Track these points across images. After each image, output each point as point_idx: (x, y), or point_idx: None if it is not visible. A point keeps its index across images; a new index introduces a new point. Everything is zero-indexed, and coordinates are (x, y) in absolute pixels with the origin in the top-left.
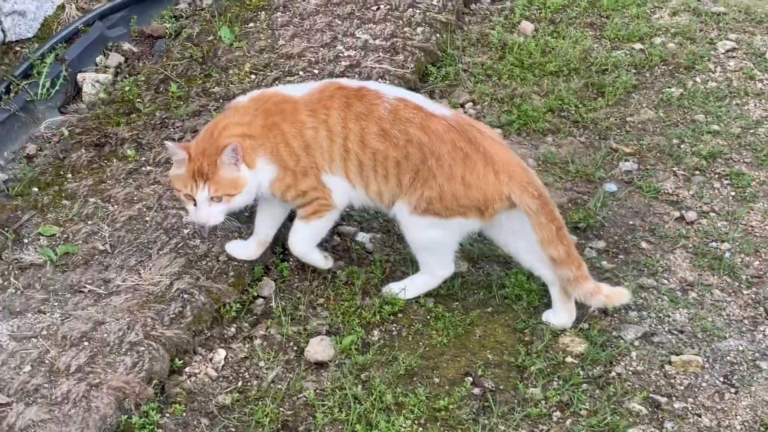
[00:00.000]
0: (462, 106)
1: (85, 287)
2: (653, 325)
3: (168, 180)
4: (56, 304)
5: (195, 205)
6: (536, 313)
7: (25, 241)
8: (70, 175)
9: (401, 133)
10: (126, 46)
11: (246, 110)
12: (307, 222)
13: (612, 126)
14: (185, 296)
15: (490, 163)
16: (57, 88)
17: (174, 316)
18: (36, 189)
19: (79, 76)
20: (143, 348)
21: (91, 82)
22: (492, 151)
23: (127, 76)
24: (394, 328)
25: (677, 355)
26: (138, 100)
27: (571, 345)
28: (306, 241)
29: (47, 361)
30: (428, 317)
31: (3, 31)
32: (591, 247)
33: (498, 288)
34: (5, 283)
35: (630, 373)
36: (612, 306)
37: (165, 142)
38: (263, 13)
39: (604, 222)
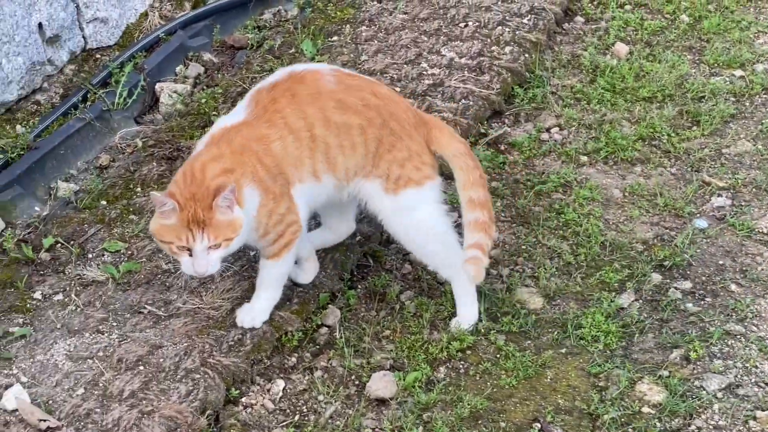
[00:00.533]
0: (548, 130)
1: (144, 308)
2: (739, 376)
3: (152, 232)
4: (115, 324)
5: (190, 255)
6: (613, 356)
7: (89, 256)
8: (139, 189)
9: (358, 99)
10: (206, 56)
11: (210, 145)
12: (277, 260)
13: (706, 158)
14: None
15: (424, 117)
16: (134, 97)
17: (233, 343)
18: (104, 202)
19: (158, 86)
20: (199, 376)
21: (168, 92)
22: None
23: (205, 87)
24: (461, 366)
25: (763, 410)
26: (213, 113)
27: (649, 393)
28: (278, 288)
29: (101, 384)
30: (498, 356)
31: (84, 38)
32: (676, 288)
33: (573, 328)
34: (66, 300)
35: (711, 427)
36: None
37: (151, 192)
38: (348, 26)
39: (692, 261)
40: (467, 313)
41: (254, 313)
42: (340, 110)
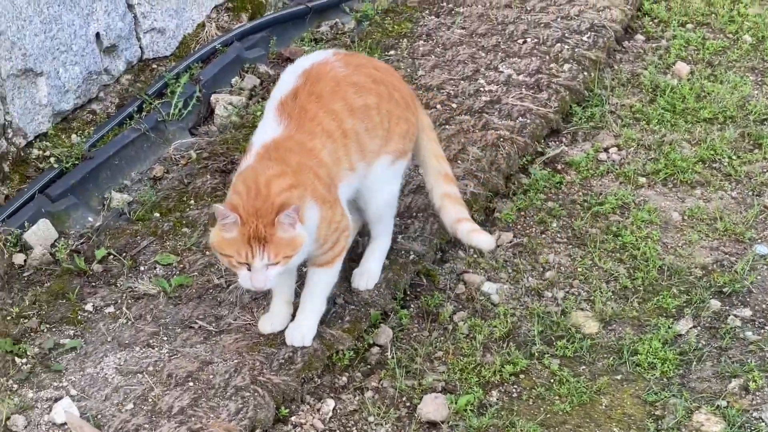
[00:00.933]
0: (606, 150)
1: (195, 323)
2: None
3: (212, 245)
4: (165, 338)
5: (249, 269)
6: (670, 385)
7: (141, 268)
8: (192, 202)
9: (366, 77)
10: (262, 68)
11: (265, 159)
12: (329, 267)
13: (767, 182)
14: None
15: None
16: (189, 108)
17: (283, 361)
18: (157, 214)
19: (213, 98)
20: (249, 394)
21: (224, 104)
22: None
23: (260, 99)
24: (514, 390)
25: None
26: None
27: (707, 424)
28: (325, 298)
29: (150, 400)
30: (551, 381)
31: (141, 48)
32: (735, 315)
33: (630, 354)
34: (117, 312)
35: None
36: (470, 241)
37: (213, 204)
38: (405, 40)
39: (752, 288)
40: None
41: (304, 330)
42: (358, 93)
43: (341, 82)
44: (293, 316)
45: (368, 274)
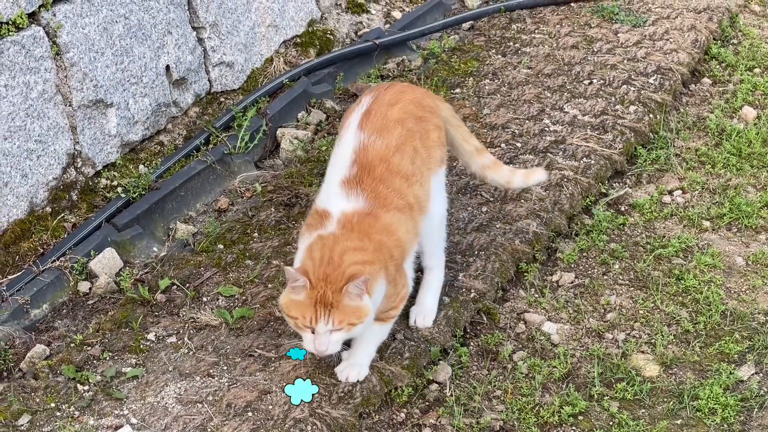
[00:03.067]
0: (670, 193)
1: (255, 351)
2: None
3: (280, 306)
4: (225, 368)
5: (312, 332)
6: (730, 431)
7: (204, 299)
8: (256, 234)
9: (407, 101)
10: (329, 103)
11: (346, 230)
12: (384, 324)
13: None
14: None
15: None
16: (255, 142)
17: (342, 394)
18: (221, 246)
19: (279, 131)
20: (307, 426)
21: (290, 138)
22: None
23: (326, 134)
24: None
25: None
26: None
27: None
28: (376, 348)
29: (209, 430)
30: (611, 423)
31: (209, 81)
32: None
33: (690, 398)
34: (179, 342)
35: None
36: (528, 183)
37: (284, 267)
38: (471, 79)
39: None
40: (434, 305)
41: (359, 369)
42: (403, 156)
43: (389, 120)
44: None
45: (425, 312)
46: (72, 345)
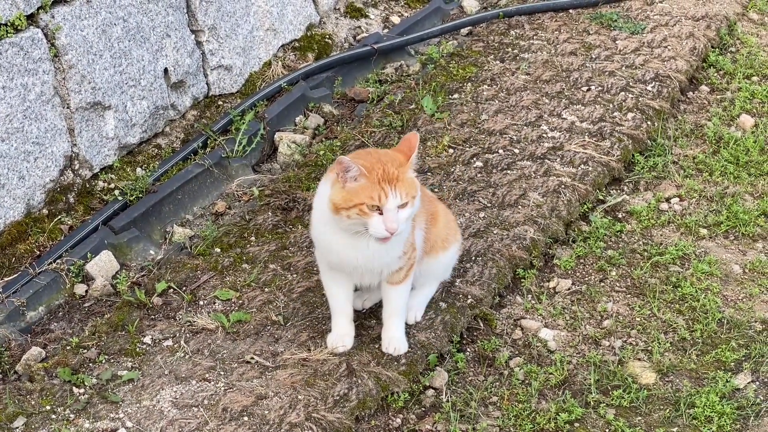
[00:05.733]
0: (668, 200)
1: (252, 358)
2: None
3: (336, 203)
4: (222, 373)
5: (380, 214)
6: None
7: (201, 303)
8: (253, 238)
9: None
10: (327, 108)
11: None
12: (403, 284)
13: None
14: (353, 379)
15: None
16: (253, 145)
17: (338, 398)
18: (218, 249)
19: (277, 136)
20: (303, 431)
21: (287, 142)
22: None
23: (324, 139)
24: None
25: None
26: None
27: None
28: (405, 309)
29: None
30: (607, 430)
31: (207, 84)
32: None
33: (686, 406)
34: (175, 346)
35: None
36: None
37: (339, 156)
38: (469, 84)
39: None
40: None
41: (400, 342)
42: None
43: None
44: None
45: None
46: (68, 348)
